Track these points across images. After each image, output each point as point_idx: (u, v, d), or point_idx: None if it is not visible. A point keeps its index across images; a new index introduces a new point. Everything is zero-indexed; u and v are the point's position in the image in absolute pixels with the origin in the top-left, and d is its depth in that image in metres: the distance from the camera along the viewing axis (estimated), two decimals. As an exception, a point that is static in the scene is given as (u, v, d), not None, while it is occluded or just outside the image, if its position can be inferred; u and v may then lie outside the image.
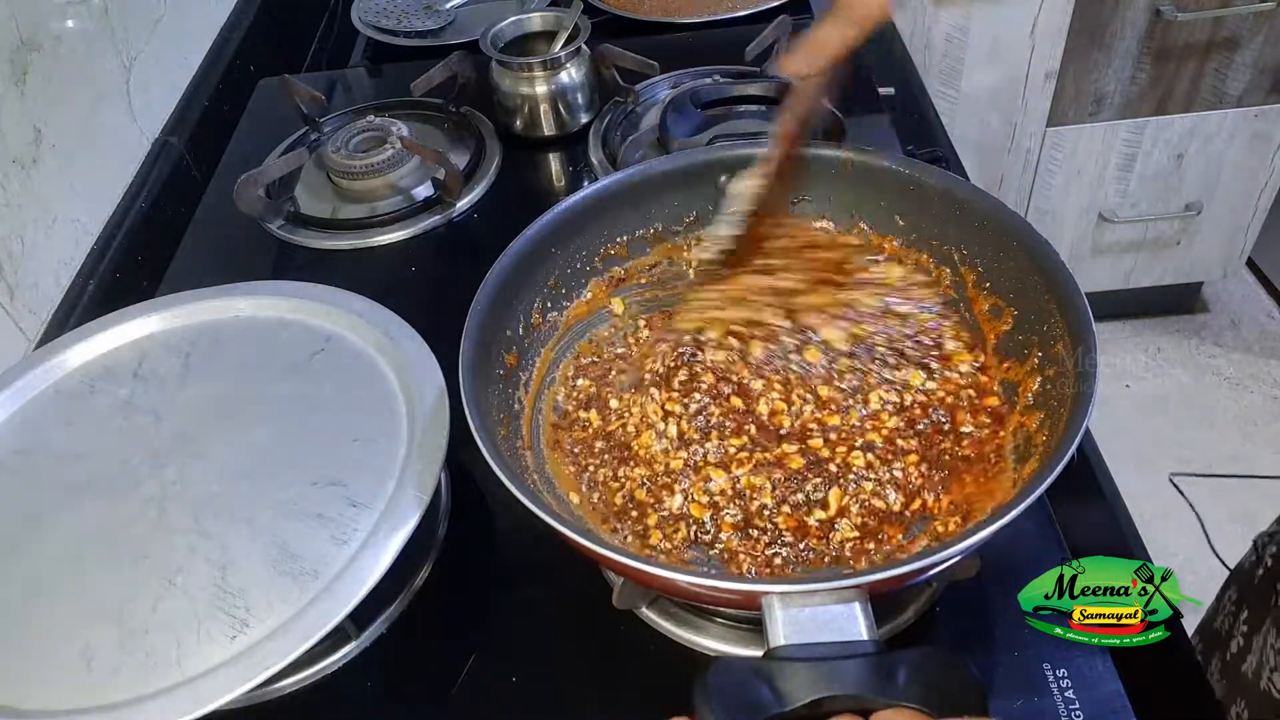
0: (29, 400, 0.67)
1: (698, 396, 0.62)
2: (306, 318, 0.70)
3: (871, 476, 0.57)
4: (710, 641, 0.57)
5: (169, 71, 1.06)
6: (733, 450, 0.59)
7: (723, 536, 0.56)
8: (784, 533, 0.56)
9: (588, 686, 0.56)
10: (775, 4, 1.15)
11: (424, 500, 0.56)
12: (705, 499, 0.57)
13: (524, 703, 0.56)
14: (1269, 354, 1.97)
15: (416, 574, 0.62)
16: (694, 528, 0.57)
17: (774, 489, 0.57)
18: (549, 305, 0.66)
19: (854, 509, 0.56)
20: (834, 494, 0.57)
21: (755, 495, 0.57)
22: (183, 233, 0.94)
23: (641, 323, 0.70)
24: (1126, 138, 1.65)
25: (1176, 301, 2.06)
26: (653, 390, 0.62)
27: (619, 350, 0.69)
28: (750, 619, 0.56)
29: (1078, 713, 0.51)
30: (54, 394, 0.67)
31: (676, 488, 0.58)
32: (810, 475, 0.57)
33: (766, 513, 0.56)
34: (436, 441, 0.58)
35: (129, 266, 0.90)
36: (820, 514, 0.56)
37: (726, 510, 0.57)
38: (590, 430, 0.63)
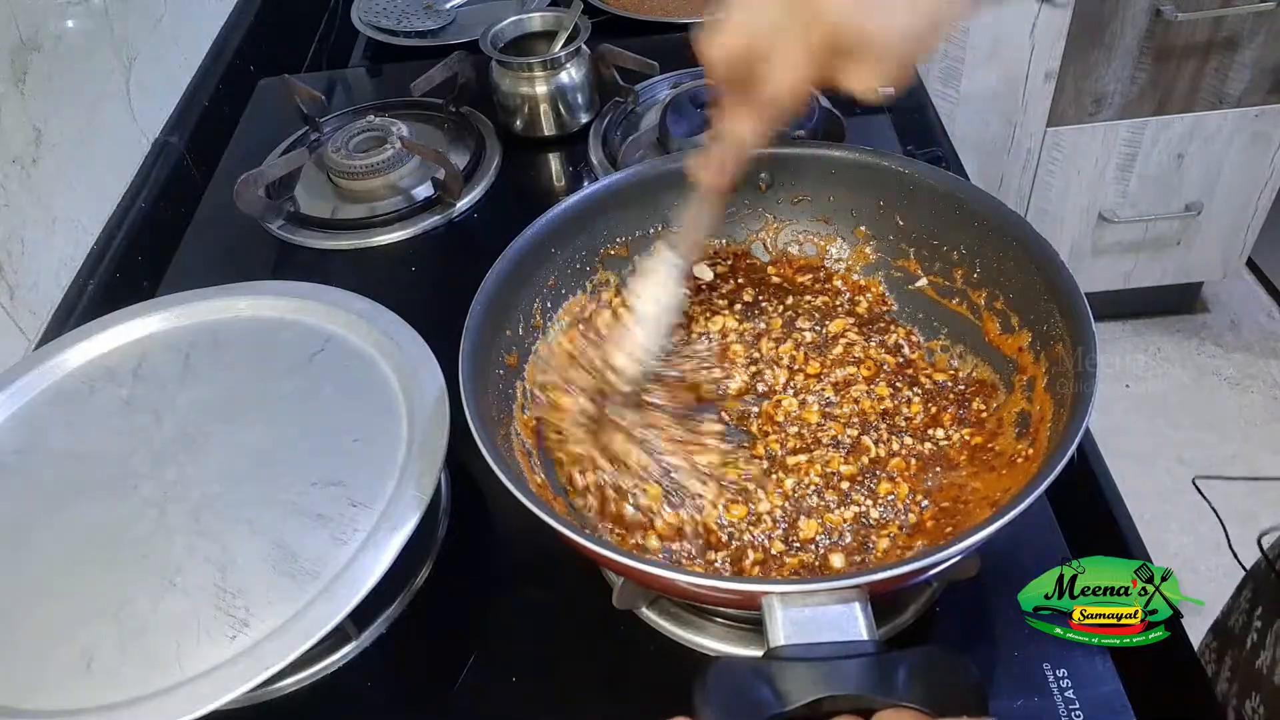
0: (29, 400, 0.67)
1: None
2: (306, 318, 0.70)
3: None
4: (710, 641, 0.57)
5: (169, 71, 1.06)
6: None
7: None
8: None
9: (587, 686, 0.56)
10: (775, 4, 1.15)
11: (424, 500, 0.56)
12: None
13: (524, 703, 0.56)
14: (1269, 354, 1.98)
15: (416, 574, 0.62)
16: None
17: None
18: (549, 305, 0.66)
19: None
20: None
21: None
22: (183, 233, 0.94)
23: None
24: (1126, 138, 1.65)
25: (1176, 301, 2.06)
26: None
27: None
28: (750, 619, 0.56)
29: (1078, 713, 0.51)
30: (54, 394, 0.67)
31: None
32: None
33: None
34: (436, 441, 0.58)
35: (129, 266, 0.90)
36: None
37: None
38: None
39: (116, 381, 0.67)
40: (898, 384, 0.64)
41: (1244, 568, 0.75)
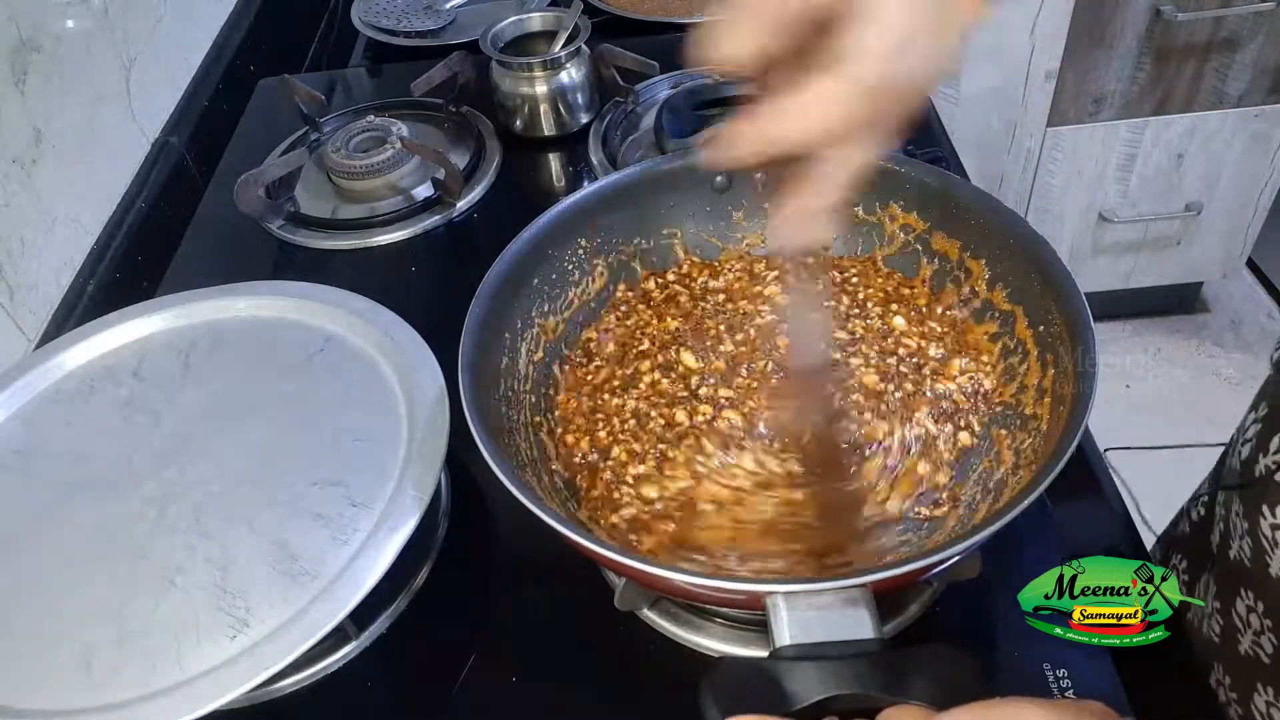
0: (29, 400, 0.67)
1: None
2: (306, 318, 0.70)
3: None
4: (711, 641, 0.57)
5: (169, 71, 1.06)
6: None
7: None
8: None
9: (588, 686, 0.56)
10: (775, 4, 1.15)
11: (424, 500, 0.56)
12: None
13: (524, 703, 0.56)
14: (1269, 354, 1.97)
15: (416, 574, 0.62)
16: None
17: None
18: (548, 306, 0.66)
19: None
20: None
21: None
22: (183, 233, 0.94)
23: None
24: (1126, 138, 1.65)
25: (1176, 301, 2.06)
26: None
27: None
28: (751, 619, 0.56)
29: (1078, 713, 0.50)
30: (54, 394, 0.67)
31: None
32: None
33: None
34: (436, 442, 0.58)
35: (129, 266, 0.90)
36: None
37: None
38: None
39: (116, 381, 0.67)
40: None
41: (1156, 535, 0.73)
